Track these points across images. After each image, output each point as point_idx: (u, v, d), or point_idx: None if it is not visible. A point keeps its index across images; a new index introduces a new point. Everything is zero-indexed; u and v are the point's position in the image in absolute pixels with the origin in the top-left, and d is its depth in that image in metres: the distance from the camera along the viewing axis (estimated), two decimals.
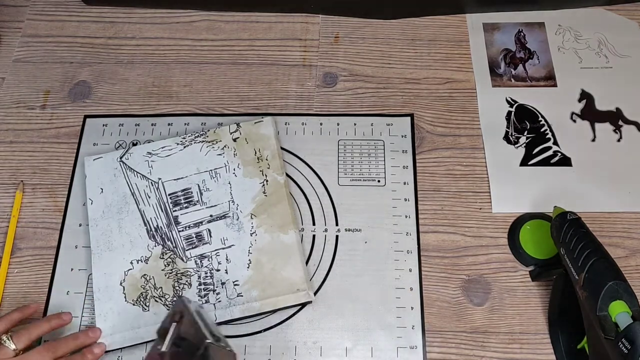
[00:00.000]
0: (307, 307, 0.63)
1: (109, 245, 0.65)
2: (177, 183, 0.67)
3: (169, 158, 0.68)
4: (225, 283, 0.63)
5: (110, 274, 0.64)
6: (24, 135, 0.73)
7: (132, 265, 0.64)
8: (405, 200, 0.68)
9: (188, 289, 0.63)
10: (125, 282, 0.63)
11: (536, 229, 0.64)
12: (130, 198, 0.67)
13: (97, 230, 0.66)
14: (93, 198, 0.67)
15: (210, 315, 0.57)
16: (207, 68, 0.77)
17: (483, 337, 0.61)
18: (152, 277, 0.63)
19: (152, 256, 0.64)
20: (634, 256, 0.65)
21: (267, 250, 0.64)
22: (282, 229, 0.65)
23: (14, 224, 0.67)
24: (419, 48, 0.77)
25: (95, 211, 0.67)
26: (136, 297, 0.63)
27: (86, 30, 0.80)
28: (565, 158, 0.70)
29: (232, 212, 0.66)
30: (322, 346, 0.61)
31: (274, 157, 0.68)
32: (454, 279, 0.64)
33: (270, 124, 0.70)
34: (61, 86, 0.76)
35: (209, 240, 0.65)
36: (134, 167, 0.68)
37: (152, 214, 0.66)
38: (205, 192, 0.67)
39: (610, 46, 0.77)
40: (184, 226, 0.65)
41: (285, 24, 0.80)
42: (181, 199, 0.66)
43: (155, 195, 0.67)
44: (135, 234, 0.65)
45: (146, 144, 0.70)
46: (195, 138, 0.69)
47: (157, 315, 0.61)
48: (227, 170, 0.68)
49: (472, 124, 0.72)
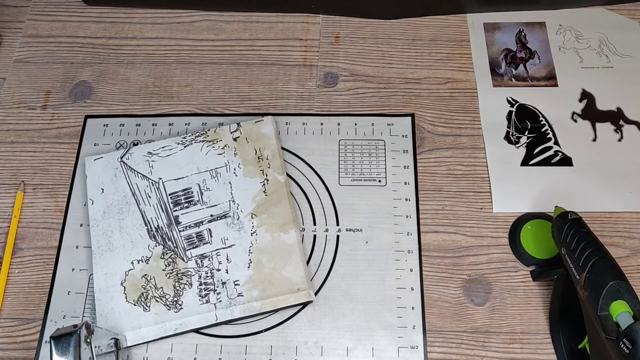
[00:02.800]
0: (308, 307, 0.63)
1: (110, 246, 0.65)
2: (177, 183, 0.67)
3: (169, 158, 0.68)
4: (226, 283, 0.63)
5: (111, 274, 0.64)
6: (24, 135, 0.73)
7: (133, 266, 0.64)
8: (406, 200, 0.68)
9: (189, 288, 0.63)
10: (126, 282, 0.63)
11: (537, 229, 0.64)
12: (131, 198, 0.67)
13: (97, 230, 0.66)
14: (94, 198, 0.67)
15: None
16: (207, 68, 0.77)
17: (484, 337, 0.61)
18: (153, 277, 0.63)
19: (153, 256, 0.64)
20: (635, 256, 0.65)
21: (267, 249, 0.64)
22: (282, 228, 0.65)
23: (14, 224, 0.67)
24: (420, 48, 0.77)
25: (96, 211, 0.67)
26: (137, 297, 0.62)
27: (87, 30, 0.80)
28: (566, 158, 0.70)
29: (232, 211, 0.66)
30: (323, 346, 0.61)
31: (275, 157, 0.68)
32: (455, 279, 0.64)
33: (271, 123, 0.70)
34: (62, 86, 0.76)
35: (209, 240, 0.65)
36: (134, 167, 0.68)
37: (153, 213, 0.66)
38: (205, 191, 0.67)
39: (611, 46, 0.77)
40: (184, 226, 0.65)
41: (285, 24, 0.80)
42: (182, 198, 0.66)
43: (155, 195, 0.67)
44: (135, 234, 0.65)
45: (146, 144, 0.70)
46: (196, 138, 0.69)
47: (157, 315, 0.61)
48: (227, 169, 0.68)
49: (473, 124, 0.72)
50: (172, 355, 0.61)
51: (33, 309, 0.63)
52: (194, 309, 0.62)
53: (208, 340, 0.61)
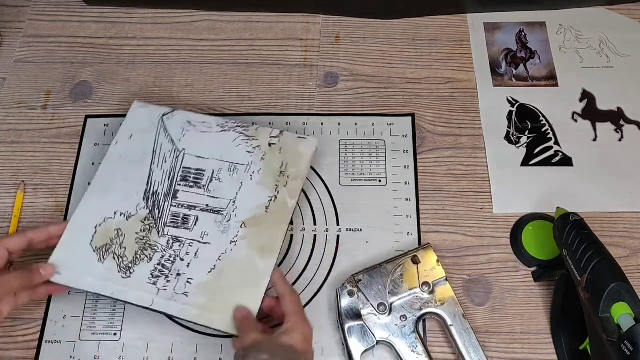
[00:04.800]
0: (309, 306, 0.63)
1: (106, 188, 0.65)
2: (196, 160, 0.66)
3: (203, 134, 0.68)
4: (181, 275, 0.60)
5: (92, 212, 0.63)
6: (25, 135, 0.73)
7: (114, 216, 0.63)
8: (407, 200, 0.68)
9: (147, 262, 0.61)
10: (100, 227, 0.63)
11: (539, 230, 0.64)
12: (149, 155, 0.67)
13: (105, 169, 0.66)
14: (120, 140, 0.68)
15: None
16: (208, 68, 0.77)
17: (484, 337, 0.61)
18: (124, 235, 0.62)
19: (136, 216, 0.64)
20: (635, 256, 0.65)
21: (236, 265, 0.60)
22: (262, 252, 0.61)
23: (15, 224, 0.67)
24: (420, 48, 0.77)
25: (115, 152, 0.67)
26: (100, 245, 0.62)
27: (87, 30, 0.80)
28: (566, 158, 0.70)
29: (227, 212, 0.64)
30: (324, 346, 0.61)
31: (296, 179, 0.65)
32: (455, 279, 0.64)
33: (313, 146, 0.66)
34: (62, 86, 0.76)
35: (191, 227, 0.63)
36: (169, 128, 0.68)
37: (159, 178, 0.66)
38: (215, 181, 0.65)
39: (611, 46, 0.77)
40: (178, 203, 0.64)
41: (286, 24, 0.80)
42: (191, 176, 0.66)
43: (171, 162, 0.66)
44: (132, 189, 0.65)
45: (191, 113, 0.70)
46: (236, 127, 0.68)
47: (107, 271, 0.60)
48: (246, 169, 0.66)
49: (473, 124, 0.72)
50: (172, 355, 0.61)
51: (33, 308, 0.63)
52: (139, 284, 0.59)
53: (208, 340, 0.61)
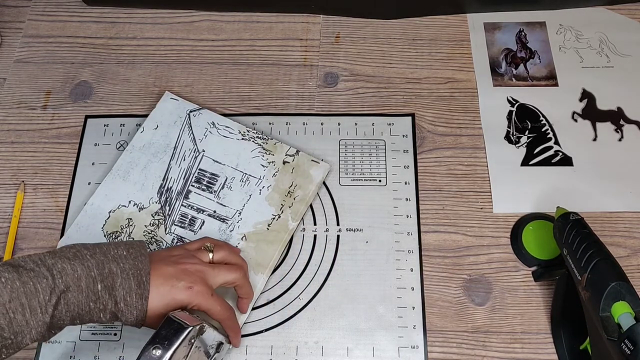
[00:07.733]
0: (309, 306, 0.63)
1: (126, 176, 0.67)
2: (212, 164, 0.67)
3: (224, 139, 0.69)
4: None
5: (109, 199, 0.65)
6: (25, 135, 0.73)
7: (128, 205, 0.65)
8: (407, 200, 0.68)
9: None
10: (114, 213, 0.65)
11: (539, 230, 0.64)
12: (171, 149, 0.68)
13: (127, 157, 0.68)
14: (146, 128, 0.70)
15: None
16: (208, 68, 0.77)
17: (484, 337, 0.61)
18: (134, 225, 0.64)
19: (148, 208, 0.65)
20: (636, 255, 0.65)
21: None
22: (255, 268, 0.62)
23: (15, 224, 0.67)
24: (420, 48, 0.77)
25: (139, 141, 0.69)
26: (111, 231, 0.64)
27: (87, 30, 0.80)
28: (566, 158, 0.70)
29: (232, 221, 0.65)
30: (324, 346, 0.61)
31: (302, 202, 0.66)
32: (456, 279, 0.64)
33: (324, 171, 0.68)
34: (62, 86, 0.76)
35: (196, 230, 0.65)
36: (193, 126, 0.69)
37: (175, 175, 0.67)
38: (226, 188, 0.66)
39: (611, 45, 0.77)
40: (189, 204, 0.66)
41: (286, 24, 0.80)
42: (205, 179, 0.67)
43: (189, 161, 0.67)
44: (150, 182, 0.67)
45: (217, 115, 0.70)
46: (256, 138, 0.69)
47: None
48: (257, 183, 0.67)
49: (473, 124, 0.72)
50: None
51: None
52: None
53: None
